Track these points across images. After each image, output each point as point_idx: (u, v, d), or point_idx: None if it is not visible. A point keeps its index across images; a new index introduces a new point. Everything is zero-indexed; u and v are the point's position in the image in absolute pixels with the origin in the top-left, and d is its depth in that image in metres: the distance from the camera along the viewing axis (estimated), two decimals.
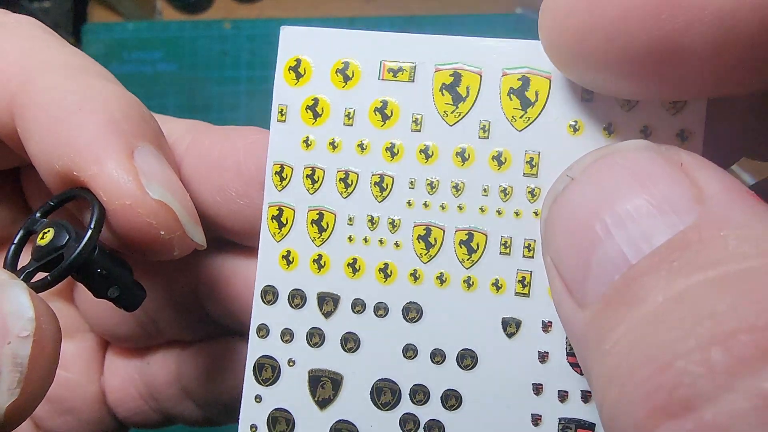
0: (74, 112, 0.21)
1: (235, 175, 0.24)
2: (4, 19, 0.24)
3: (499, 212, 0.21)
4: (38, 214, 0.21)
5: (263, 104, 0.77)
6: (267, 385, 0.22)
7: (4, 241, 0.28)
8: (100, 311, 0.29)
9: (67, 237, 0.20)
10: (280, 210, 0.22)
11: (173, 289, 0.28)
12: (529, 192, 0.20)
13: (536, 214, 0.20)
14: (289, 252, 0.22)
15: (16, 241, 0.21)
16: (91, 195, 0.20)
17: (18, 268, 0.20)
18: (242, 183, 0.24)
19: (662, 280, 0.15)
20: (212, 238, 0.25)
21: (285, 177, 0.22)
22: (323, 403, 0.22)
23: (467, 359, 0.21)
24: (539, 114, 0.20)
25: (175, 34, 0.78)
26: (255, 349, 0.22)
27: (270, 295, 0.22)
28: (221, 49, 0.77)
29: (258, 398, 0.22)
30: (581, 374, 0.20)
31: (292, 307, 0.22)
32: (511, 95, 0.20)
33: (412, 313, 0.21)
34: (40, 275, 0.20)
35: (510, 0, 0.77)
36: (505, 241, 0.21)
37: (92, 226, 0.20)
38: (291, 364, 0.22)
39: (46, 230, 0.20)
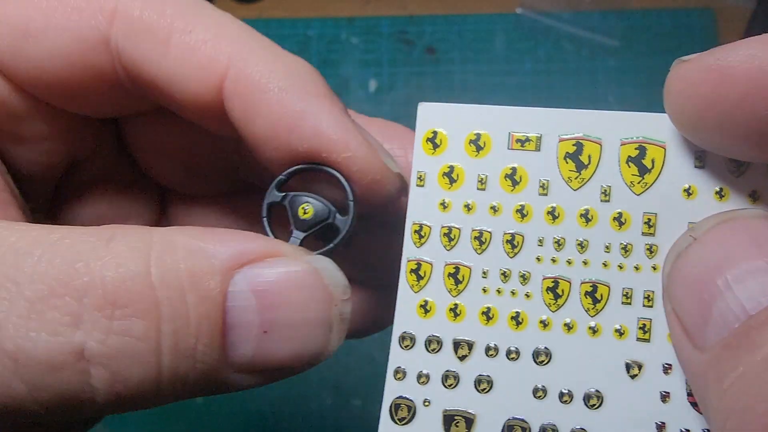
0: (304, 97, 0.23)
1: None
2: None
3: (620, 267, 0.23)
4: (274, 189, 0.24)
5: None
6: (403, 425, 0.24)
7: (104, 179, 0.30)
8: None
9: (329, 211, 0.24)
10: (419, 264, 0.25)
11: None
12: (647, 249, 0.23)
13: (654, 268, 0.23)
14: (426, 302, 0.24)
15: (265, 215, 0.24)
16: (335, 172, 0.24)
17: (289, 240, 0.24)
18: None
19: None
20: None
21: (423, 235, 0.25)
22: None
23: (593, 399, 0.23)
24: (655, 180, 0.23)
25: None
26: (391, 390, 0.24)
27: (407, 340, 0.24)
28: None
29: None
30: (701, 413, 0.22)
31: (428, 351, 0.24)
32: (629, 163, 0.23)
33: (542, 356, 0.23)
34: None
35: (510, 0, 0.77)
36: (627, 292, 0.23)
37: (353, 200, 0.24)
38: (426, 404, 0.24)
39: (305, 204, 0.24)
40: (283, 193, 0.25)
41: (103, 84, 0.25)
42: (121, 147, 0.30)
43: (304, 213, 0.24)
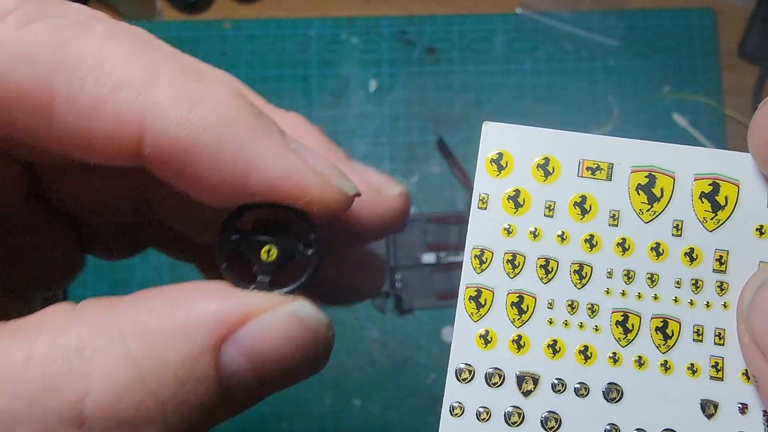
0: (241, 146, 0.20)
1: None
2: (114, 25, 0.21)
3: (691, 303, 0.23)
4: (227, 234, 0.22)
5: None
6: None
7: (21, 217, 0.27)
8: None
9: (293, 248, 0.22)
10: (479, 291, 0.23)
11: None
12: (718, 286, 0.23)
13: (725, 305, 0.23)
14: (487, 332, 0.23)
15: (225, 264, 0.22)
16: (295, 211, 0.22)
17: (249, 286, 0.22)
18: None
19: None
20: None
21: (485, 261, 0.23)
22: None
23: None
24: (728, 217, 0.23)
25: (175, 34, 0.77)
26: (448, 428, 0.23)
27: (465, 373, 0.23)
28: (221, 49, 0.76)
29: None
30: None
31: (489, 385, 0.23)
32: (703, 198, 0.23)
33: (613, 393, 0.23)
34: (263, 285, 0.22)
35: (510, 0, 0.77)
36: (698, 329, 0.23)
37: (315, 237, 0.23)
38: None
39: (267, 247, 0.22)
40: (238, 236, 0.22)
41: None
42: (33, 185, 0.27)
43: (268, 256, 0.22)
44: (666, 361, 0.23)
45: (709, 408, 0.22)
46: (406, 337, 0.69)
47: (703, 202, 0.23)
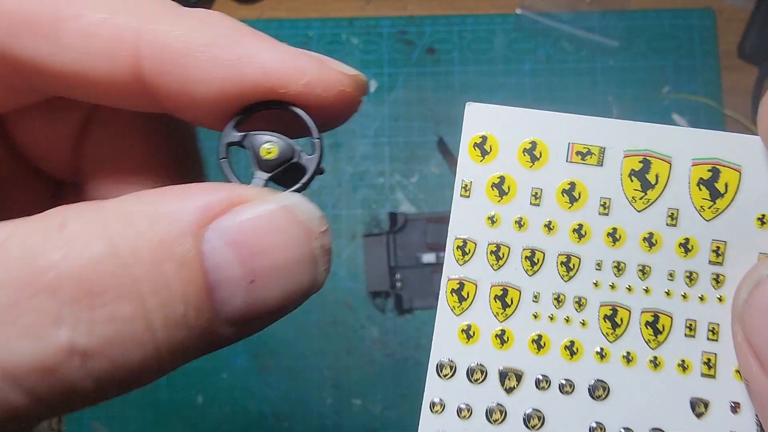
0: (234, 43, 0.21)
1: None
2: None
3: (684, 296, 0.21)
4: (233, 129, 0.22)
5: None
6: None
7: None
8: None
9: (292, 149, 0.22)
10: (461, 284, 0.22)
11: None
12: (714, 279, 0.21)
13: (720, 299, 0.21)
14: (469, 326, 0.22)
15: (224, 156, 0.22)
16: (298, 109, 0.22)
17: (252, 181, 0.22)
18: None
19: None
20: None
21: (468, 252, 0.22)
22: None
23: None
24: (728, 205, 0.21)
25: None
26: (429, 424, 0.22)
27: (447, 369, 0.22)
28: None
29: None
30: None
31: (471, 382, 0.22)
32: (701, 185, 0.21)
33: (599, 390, 0.21)
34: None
35: (510, 0, 0.77)
36: (690, 324, 0.21)
37: (320, 137, 0.22)
38: None
39: (267, 144, 0.22)
40: (242, 133, 0.22)
41: None
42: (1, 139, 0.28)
43: (268, 153, 0.22)
44: (656, 357, 0.21)
45: (699, 406, 0.21)
46: (406, 337, 0.69)
47: (701, 189, 0.21)
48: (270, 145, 0.22)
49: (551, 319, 0.22)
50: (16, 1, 0.20)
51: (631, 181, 0.22)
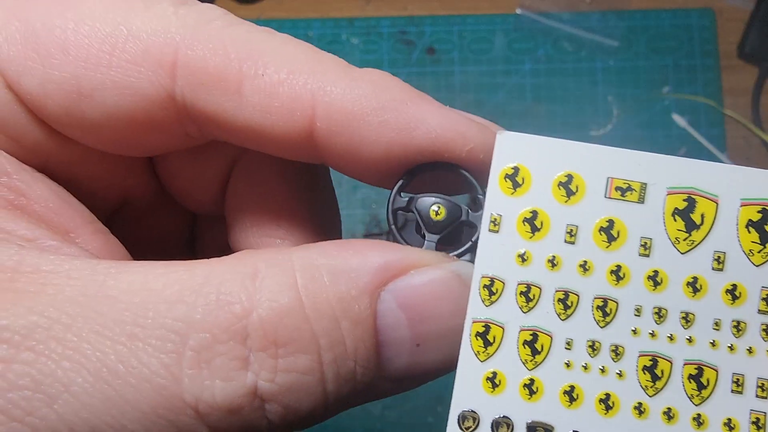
0: (403, 107, 0.22)
1: None
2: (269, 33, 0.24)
3: (731, 348, 0.20)
4: (397, 194, 0.23)
5: None
6: None
7: (144, 208, 0.30)
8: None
9: (460, 208, 0.23)
10: (487, 327, 0.20)
11: None
12: (764, 329, 0.20)
13: None
14: (495, 374, 0.20)
15: (393, 222, 0.23)
16: (463, 171, 0.22)
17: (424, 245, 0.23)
18: None
19: None
20: None
21: (495, 292, 0.20)
22: None
23: None
24: None
25: None
26: None
27: (470, 421, 0.20)
28: None
29: None
30: None
31: None
32: (750, 228, 0.20)
33: None
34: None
35: (510, 0, 0.77)
36: (737, 379, 0.20)
37: (482, 194, 0.22)
38: None
39: (435, 205, 0.23)
40: (408, 196, 0.23)
41: (165, 134, 0.24)
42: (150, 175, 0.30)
43: (436, 215, 0.23)
44: (699, 415, 0.20)
45: None
46: None
47: (750, 232, 0.20)
48: (437, 207, 0.23)
49: (585, 368, 0.20)
50: (201, 57, 0.22)
51: (675, 220, 0.20)
